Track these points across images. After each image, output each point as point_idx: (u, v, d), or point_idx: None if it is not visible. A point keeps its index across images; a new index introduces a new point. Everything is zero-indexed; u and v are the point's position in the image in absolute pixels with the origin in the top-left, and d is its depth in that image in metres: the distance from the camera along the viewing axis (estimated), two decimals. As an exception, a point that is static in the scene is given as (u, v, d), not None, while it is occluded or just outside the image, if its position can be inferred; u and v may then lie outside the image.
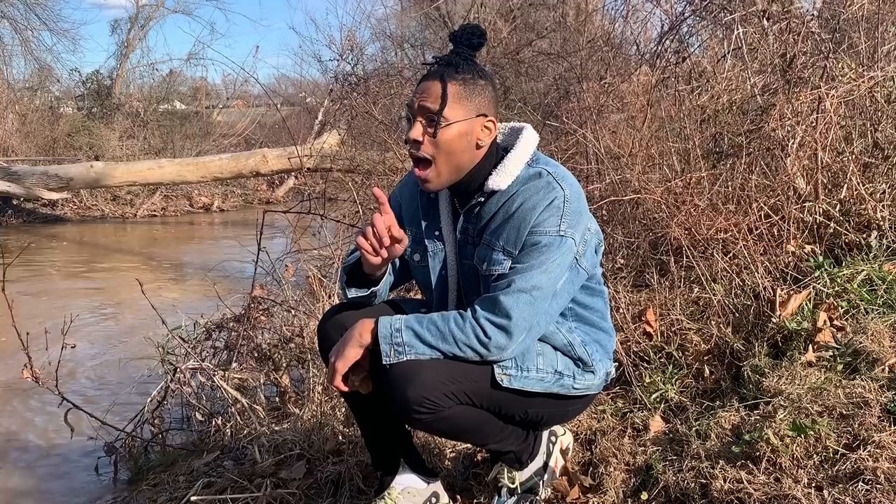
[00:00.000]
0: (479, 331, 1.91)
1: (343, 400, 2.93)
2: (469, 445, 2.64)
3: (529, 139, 2.09)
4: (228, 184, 13.10)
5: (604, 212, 4.12)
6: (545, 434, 2.38)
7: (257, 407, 3.28)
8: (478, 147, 2.03)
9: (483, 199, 2.06)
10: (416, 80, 2.16)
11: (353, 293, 2.18)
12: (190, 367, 3.46)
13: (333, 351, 2.02)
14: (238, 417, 3.24)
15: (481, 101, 2.00)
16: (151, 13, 19.61)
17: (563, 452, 2.47)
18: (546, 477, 2.36)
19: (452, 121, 1.97)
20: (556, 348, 2.11)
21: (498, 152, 2.07)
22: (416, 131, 1.98)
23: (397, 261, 2.26)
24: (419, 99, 1.98)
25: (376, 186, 1.98)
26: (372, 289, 2.16)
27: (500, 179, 2.02)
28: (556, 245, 1.95)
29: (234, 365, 3.63)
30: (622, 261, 3.83)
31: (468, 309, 1.95)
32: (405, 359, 1.91)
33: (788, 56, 3.86)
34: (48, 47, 18.66)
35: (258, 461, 2.84)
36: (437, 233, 2.17)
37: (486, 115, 2.01)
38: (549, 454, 2.39)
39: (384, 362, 1.92)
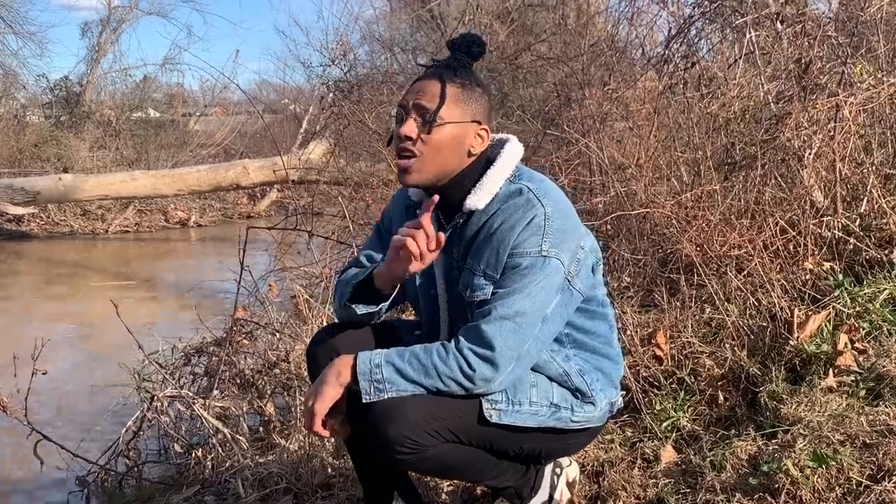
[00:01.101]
0: (463, 363, 1.90)
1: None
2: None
3: (512, 153, 2.10)
4: (207, 197, 13.09)
5: (608, 227, 4.14)
6: (548, 466, 2.38)
7: (240, 437, 3.27)
8: (469, 154, 2.04)
9: (463, 220, 2.07)
10: (408, 85, 2.17)
11: (361, 309, 2.15)
12: (168, 394, 3.45)
13: (309, 393, 2.01)
14: (220, 449, 3.23)
15: (477, 107, 2.03)
16: (124, 15, 19.54)
17: (570, 485, 2.46)
18: (551, 512, 2.36)
19: (447, 121, 1.98)
20: (551, 379, 2.10)
21: (484, 164, 2.08)
22: (409, 127, 1.98)
23: None
24: (415, 97, 2.00)
25: (432, 198, 1.97)
26: (382, 304, 2.16)
27: (477, 198, 2.03)
28: (539, 266, 1.94)
29: (215, 392, 3.62)
30: (628, 279, 3.84)
31: (452, 339, 1.96)
32: (386, 396, 1.91)
33: (804, 61, 3.88)
34: (13, 52, 18.58)
35: (242, 496, 2.83)
36: None
37: (480, 123, 2.04)
38: (553, 487, 2.38)
39: (364, 400, 1.91)
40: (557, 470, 2.41)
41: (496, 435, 2.04)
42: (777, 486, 2.18)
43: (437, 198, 1.96)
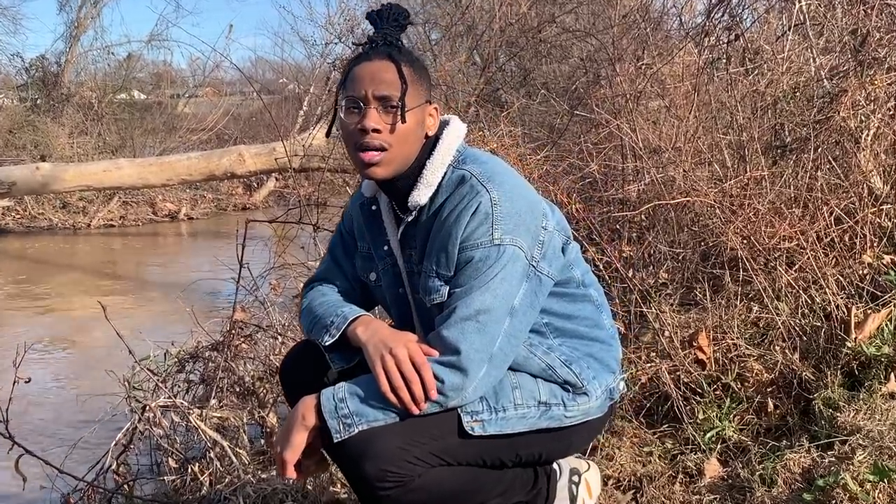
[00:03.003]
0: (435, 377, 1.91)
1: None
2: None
3: (452, 135, 2.11)
4: (198, 187, 13.16)
5: (643, 217, 4.14)
6: (564, 475, 2.35)
7: (240, 451, 3.29)
8: (426, 136, 2.08)
9: (411, 218, 2.09)
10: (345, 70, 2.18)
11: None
12: (161, 404, 3.47)
13: (277, 440, 2.02)
14: (218, 463, 3.25)
15: (427, 86, 2.08)
16: (106, -13, 19.70)
17: (592, 493, 2.43)
18: (576, 528, 2.35)
19: (411, 107, 2.01)
20: (534, 376, 2.10)
21: (430, 147, 2.10)
22: (374, 118, 1.99)
23: (357, 287, 2.30)
24: (373, 86, 1.99)
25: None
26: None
27: (419, 193, 2.06)
28: (495, 257, 1.95)
29: (213, 401, 3.64)
30: (666, 275, 3.84)
31: None
32: (357, 430, 1.90)
33: (860, 32, 3.87)
34: (-16, 29, 18.79)
35: (243, 515, 2.86)
36: (385, 248, 2.20)
37: (430, 102, 2.08)
38: (573, 499, 2.36)
39: (335, 439, 1.91)
40: (575, 478, 2.38)
41: (486, 447, 2.04)
42: (834, 502, 2.19)
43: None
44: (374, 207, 2.21)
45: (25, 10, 35.40)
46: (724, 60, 4.48)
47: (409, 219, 2.09)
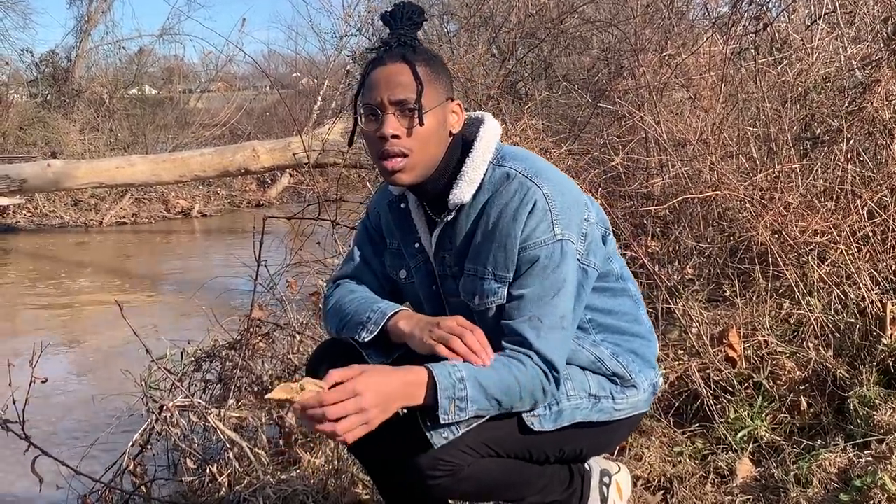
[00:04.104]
0: (542, 376, 1.92)
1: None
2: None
3: (489, 133, 2.09)
4: (211, 184, 13.20)
5: (668, 212, 4.12)
6: (595, 476, 2.36)
7: (259, 451, 3.29)
8: (451, 135, 2.06)
9: (450, 217, 2.07)
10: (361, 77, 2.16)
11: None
12: (178, 404, 3.48)
13: (368, 402, 1.79)
14: (237, 464, 3.25)
15: (447, 83, 2.05)
16: (117, -19, 19.81)
17: (622, 494, 2.44)
18: (605, 528, 2.35)
19: (429, 108, 1.99)
20: (583, 368, 2.11)
21: (461, 145, 2.09)
22: (394, 125, 1.97)
23: (386, 285, 2.28)
24: (389, 92, 1.97)
25: None
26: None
27: (461, 191, 2.03)
28: (559, 254, 1.95)
29: (231, 401, 3.65)
30: (692, 271, 3.83)
31: (517, 351, 1.94)
32: (465, 417, 1.88)
33: (892, 20, 3.84)
34: (-7, 24, 18.92)
35: (263, 517, 2.86)
36: (416, 245, 2.19)
37: (452, 99, 2.05)
38: (604, 499, 2.36)
39: (442, 420, 1.86)
40: (606, 479, 2.39)
41: (534, 440, 2.04)
42: (872, 502, 2.17)
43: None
44: (402, 205, 2.20)
45: (35, 4, 35.45)
46: (752, 50, 4.45)
47: (449, 218, 2.07)
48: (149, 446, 3.46)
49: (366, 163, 8.23)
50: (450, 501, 2.31)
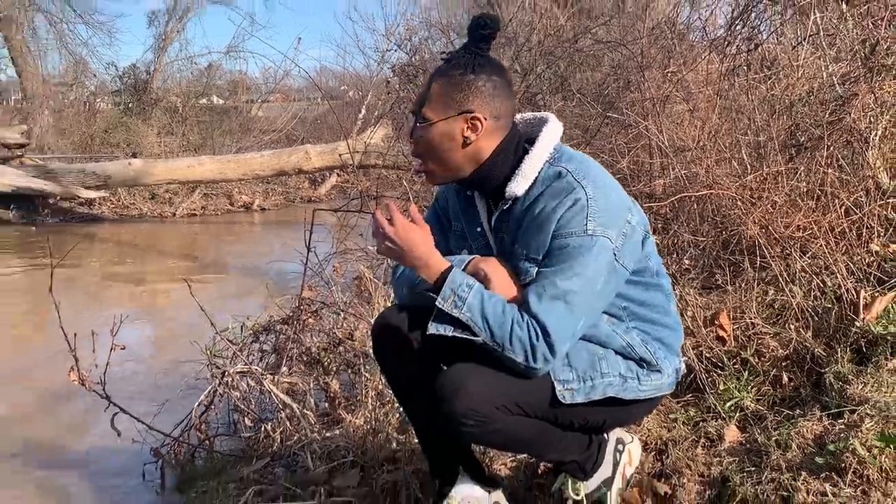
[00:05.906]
0: (533, 332, 1.91)
1: (398, 405, 2.96)
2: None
3: (550, 133, 2.08)
4: (269, 182, 13.21)
5: (668, 209, 4.10)
6: (611, 442, 2.37)
7: (307, 412, 3.31)
8: (465, 145, 2.02)
9: (507, 206, 2.07)
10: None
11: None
12: (238, 370, 3.51)
13: (405, 245, 1.98)
14: (288, 423, 3.28)
15: (464, 97, 2.00)
16: (190, 4, 19.93)
17: (632, 461, 2.45)
18: (614, 488, 2.35)
19: (433, 120, 2.00)
20: (616, 352, 2.11)
21: (519, 146, 2.07)
22: (408, 131, 2.04)
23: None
24: (413, 103, 2.05)
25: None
26: None
27: (516, 185, 2.03)
28: (588, 246, 1.93)
29: (283, 369, 3.67)
30: (688, 261, 3.80)
31: (521, 311, 1.95)
32: (456, 314, 1.92)
33: (870, 42, 3.79)
34: (83, 41, 19.11)
35: (310, 468, 2.87)
36: (479, 228, 2.19)
37: (470, 112, 2.00)
38: (616, 463, 2.37)
39: (437, 304, 1.94)
40: (620, 447, 2.39)
41: (564, 410, 2.05)
42: (844, 465, 2.15)
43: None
44: (469, 193, 2.20)
45: (119, 24, 35.76)
46: (744, 68, 4.42)
47: (505, 207, 2.07)
48: (212, 407, 3.50)
49: (402, 164, 8.24)
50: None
